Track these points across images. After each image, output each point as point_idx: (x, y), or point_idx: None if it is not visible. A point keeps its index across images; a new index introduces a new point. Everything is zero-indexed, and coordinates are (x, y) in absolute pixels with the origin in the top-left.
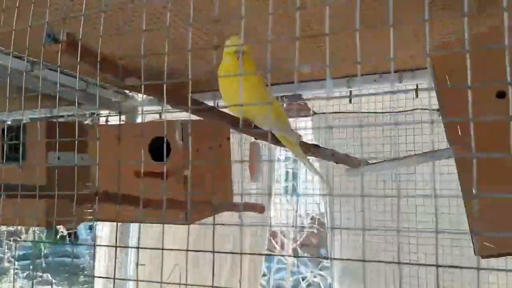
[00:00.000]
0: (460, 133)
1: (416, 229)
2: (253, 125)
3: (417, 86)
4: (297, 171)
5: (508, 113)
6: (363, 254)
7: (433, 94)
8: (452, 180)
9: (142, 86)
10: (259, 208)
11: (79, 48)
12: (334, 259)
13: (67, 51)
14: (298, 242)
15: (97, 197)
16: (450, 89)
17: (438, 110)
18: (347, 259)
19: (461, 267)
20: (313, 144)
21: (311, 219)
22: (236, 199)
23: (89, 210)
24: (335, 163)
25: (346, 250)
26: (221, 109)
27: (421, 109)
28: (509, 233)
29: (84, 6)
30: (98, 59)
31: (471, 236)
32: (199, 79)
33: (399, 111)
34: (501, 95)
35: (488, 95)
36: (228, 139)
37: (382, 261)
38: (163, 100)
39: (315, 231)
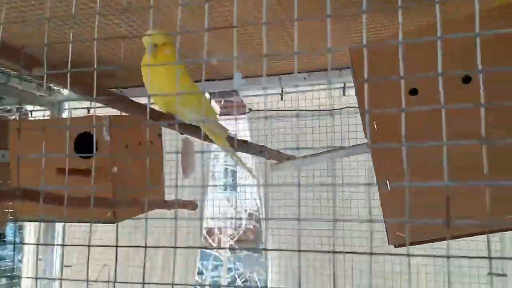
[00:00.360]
0: (376, 128)
1: (348, 219)
2: (176, 119)
3: (344, 84)
4: (236, 168)
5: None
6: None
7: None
8: None
9: (45, 76)
10: (192, 206)
11: None
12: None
13: None
14: (235, 239)
15: (15, 195)
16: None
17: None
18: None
19: (356, 253)
20: (242, 140)
21: (249, 215)
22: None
23: (11, 210)
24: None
25: (281, 244)
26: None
27: (348, 107)
28: (402, 220)
29: None
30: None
31: (385, 226)
32: (133, 73)
33: (332, 109)
34: (414, 92)
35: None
36: (160, 135)
37: (280, 249)
38: (71, 90)
39: (252, 227)
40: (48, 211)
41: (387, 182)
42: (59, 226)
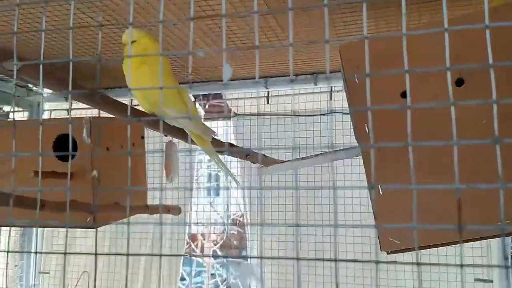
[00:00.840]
0: (366, 130)
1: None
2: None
3: (331, 88)
4: (220, 172)
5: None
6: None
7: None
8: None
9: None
10: (175, 210)
11: None
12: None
13: None
14: (218, 244)
15: None
16: (357, 87)
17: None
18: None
19: (360, 261)
20: (229, 143)
21: (233, 220)
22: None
23: None
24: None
25: (264, 250)
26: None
27: (335, 112)
28: (404, 225)
29: None
30: None
31: (377, 231)
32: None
33: (315, 114)
34: (405, 94)
35: (394, 94)
36: (143, 137)
37: (279, 257)
38: (42, 84)
39: (236, 232)
40: (23, 216)
41: (379, 185)
42: (37, 231)
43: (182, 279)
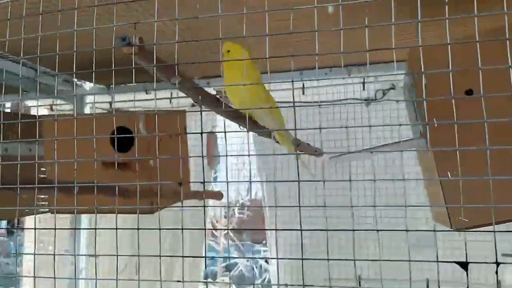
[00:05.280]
0: (436, 126)
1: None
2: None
3: (364, 79)
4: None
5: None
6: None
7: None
8: None
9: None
10: (218, 195)
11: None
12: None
13: (139, 55)
14: (230, 227)
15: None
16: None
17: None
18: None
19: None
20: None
21: (241, 205)
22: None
23: (43, 202)
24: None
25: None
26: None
27: (370, 100)
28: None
29: None
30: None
31: (448, 214)
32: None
33: (349, 103)
34: (469, 93)
35: (458, 92)
36: (185, 128)
37: (284, 229)
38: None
39: (245, 216)
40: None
41: (448, 172)
42: (84, 219)
43: None
